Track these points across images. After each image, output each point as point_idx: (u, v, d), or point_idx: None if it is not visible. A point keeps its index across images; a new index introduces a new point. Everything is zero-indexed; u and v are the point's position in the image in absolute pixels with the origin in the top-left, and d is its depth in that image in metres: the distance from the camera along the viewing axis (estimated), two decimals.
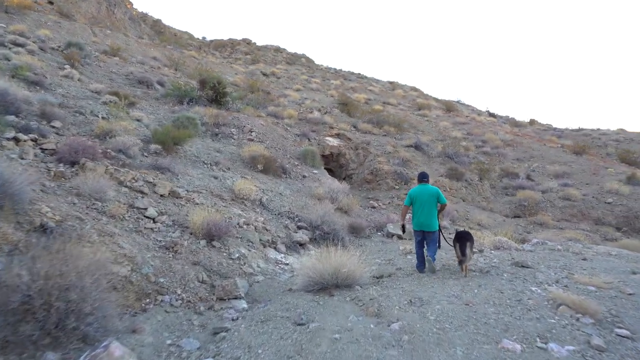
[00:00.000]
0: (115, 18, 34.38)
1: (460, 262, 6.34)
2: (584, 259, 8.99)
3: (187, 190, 9.13)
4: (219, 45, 49.15)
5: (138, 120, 12.40)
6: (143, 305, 4.79)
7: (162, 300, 4.98)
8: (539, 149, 25.14)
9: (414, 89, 47.29)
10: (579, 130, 34.04)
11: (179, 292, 5.26)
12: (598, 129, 34.26)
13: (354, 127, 23.10)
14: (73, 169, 7.33)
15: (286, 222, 9.83)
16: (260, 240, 8.30)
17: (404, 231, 7.15)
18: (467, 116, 33.96)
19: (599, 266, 8.24)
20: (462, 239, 6.23)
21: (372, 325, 4.37)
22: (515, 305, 4.77)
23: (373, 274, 6.93)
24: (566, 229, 16.53)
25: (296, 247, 8.95)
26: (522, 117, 42.56)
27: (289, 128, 19.27)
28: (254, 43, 51.77)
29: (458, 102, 42.91)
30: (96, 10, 32.63)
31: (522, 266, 7.57)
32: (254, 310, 5.24)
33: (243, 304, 5.45)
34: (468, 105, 44.38)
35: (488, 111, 41.75)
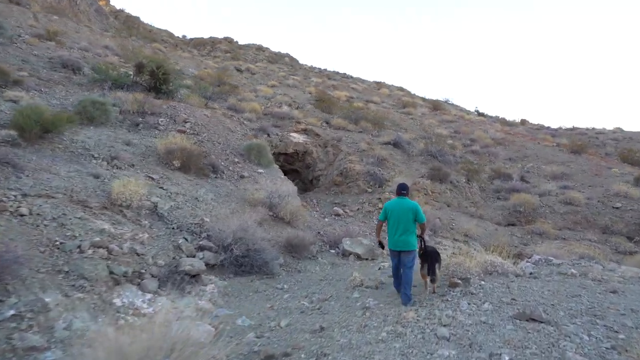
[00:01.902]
0: (78, 9, 31.10)
1: (433, 281, 5.53)
2: (614, 292, 5.89)
3: (22, 195, 5.85)
4: (199, 44, 45.92)
5: (14, 102, 9.11)
6: None
7: None
8: (533, 148, 22.05)
9: (401, 89, 44.25)
10: (573, 129, 31.00)
11: None
12: (593, 128, 31.30)
13: (327, 122, 19.89)
14: None
15: (181, 241, 6.54)
16: (110, 273, 5.02)
17: (382, 247, 5.98)
18: (454, 115, 30.89)
19: None
20: (432, 258, 5.46)
21: None
22: None
23: (258, 348, 3.66)
24: (570, 240, 13.39)
25: (182, 280, 5.66)
26: (512, 117, 39.54)
27: (245, 122, 16.02)
28: (236, 42, 48.61)
29: (446, 101, 39.87)
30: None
31: (532, 319, 4.45)
32: None
33: None
34: (456, 106, 41.33)
35: (477, 111, 38.71)
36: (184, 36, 48.97)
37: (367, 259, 8.40)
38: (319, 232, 9.55)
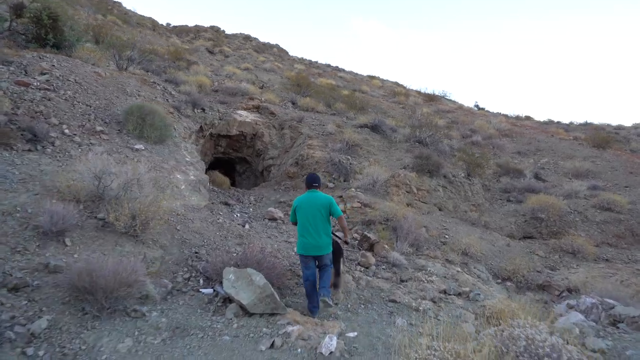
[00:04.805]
0: None
1: (336, 286, 4.71)
2: None
3: None
4: (182, 31, 41.53)
5: None
6: None
7: None
8: (547, 141, 17.50)
9: (396, 84, 39.74)
10: (587, 124, 26.45)
11: None
12: (608, 124, 26.73)
13: (293, 103, 15.43)
14: None
15: None
16: None
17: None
18: (452, 106, 26.38)
19: None
20: (335, 254, 4.60)
21: None
22: None
23: None
24: (615, 261, 8.87)
25: None
26: (515, 113, 34.38)
27: (173, 92, 11.59)
28: (223, 31, 44.27)
29: (443, 96, 35.26)
30: None
31: None
32: None
33: None
34: (454, 101, 36.72)
35: (477, 105, 34.18)
36: (167, 24, 44.65)
37: (260, 315, 3.91)
38: (196, 253, 5.06)
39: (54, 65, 8.31)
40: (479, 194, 10.99)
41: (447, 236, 8.58)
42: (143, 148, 6.90)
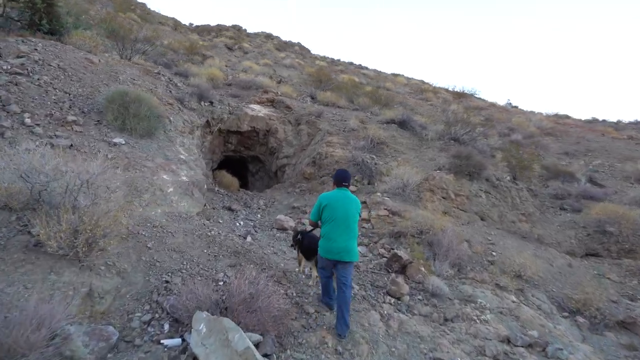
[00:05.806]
0: None
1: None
2: None
3: None
4: (204, 30, 40.95)
5: None
6: None
7: None
8: (598, 141, 15.40)
9: (422, 82, 37.74)
10: (638, 123, 23.83)
11: None
12: None
13: (312, 98, 14.03)
14: None
15: None
16: None
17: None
18: (484, 104, 24.35)
19: None
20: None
21: None
22: None
23: None
24: None
25: None
26: (552, 112, 31.47)
27: (179, 84, 10.44)
28: (244, 30, 43.50)
29: (473, 94, 33.00)
30: None
31: None
32: None
33: None
34: (484, 100, 34.37)
35: (510, 103, 31.80)
36: (190, 24, 44.27)
37: None
38: (166, 282, 3.70)
39: (36, 49, 7.23)
40: (528, 200, 9.25)
41: (494, 253, 6.95)
42: (123, 142, 5.64)
